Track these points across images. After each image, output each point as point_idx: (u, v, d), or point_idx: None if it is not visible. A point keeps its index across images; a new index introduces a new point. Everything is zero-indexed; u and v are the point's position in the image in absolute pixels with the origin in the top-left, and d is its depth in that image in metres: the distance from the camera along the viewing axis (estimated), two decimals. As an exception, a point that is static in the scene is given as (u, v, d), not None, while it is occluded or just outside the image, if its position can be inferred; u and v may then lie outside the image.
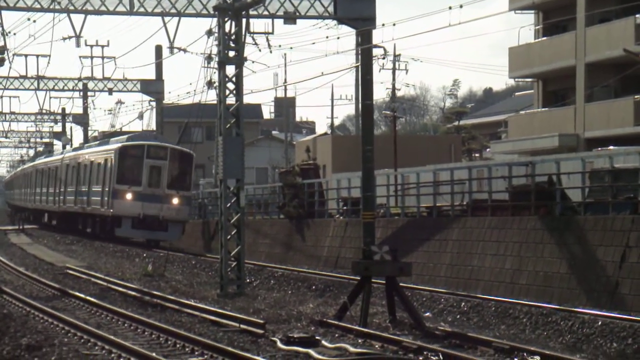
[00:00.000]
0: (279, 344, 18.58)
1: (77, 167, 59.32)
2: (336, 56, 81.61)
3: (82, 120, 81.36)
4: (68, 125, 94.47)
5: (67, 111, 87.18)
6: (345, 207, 43.19)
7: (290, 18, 36.71)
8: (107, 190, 51.60)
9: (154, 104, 69.92)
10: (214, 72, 31.77)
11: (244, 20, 30.54)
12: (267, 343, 18.96)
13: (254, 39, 38.13)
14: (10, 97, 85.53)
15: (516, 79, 70.96)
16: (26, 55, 62.79)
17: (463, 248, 32.76)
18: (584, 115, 52.42)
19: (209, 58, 34.14)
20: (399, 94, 76.78)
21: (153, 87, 67.41)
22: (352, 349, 17.97)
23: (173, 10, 36.24)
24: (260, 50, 38.18)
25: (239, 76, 30.21)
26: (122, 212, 50.01)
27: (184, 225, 51.60)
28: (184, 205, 51.02)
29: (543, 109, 57.25)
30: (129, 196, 50.03)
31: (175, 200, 50.18)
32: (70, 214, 61.00)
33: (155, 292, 27.20)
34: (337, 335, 20.13)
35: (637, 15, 48.02)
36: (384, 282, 22.81)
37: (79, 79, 68.20)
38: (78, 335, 19.79)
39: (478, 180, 36.84)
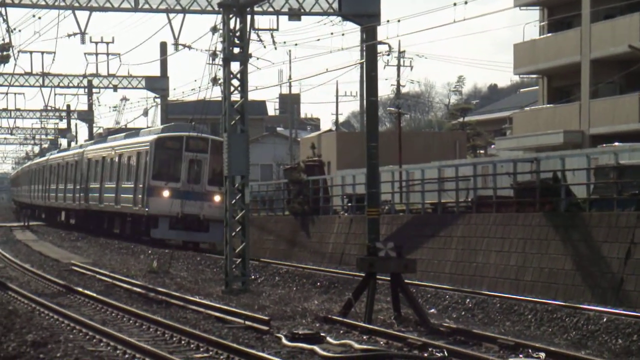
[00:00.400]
0: (284, 341, 18.59)
1: (102, 161, 54.64)
2: (341, 53, 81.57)
3: (87, 117, 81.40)
4: (73, 122, 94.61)
5: (72, 108, 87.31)
6: (350, 204, 43.19)
7: (295, 15, 36.72)
8: (141, 187, 46.84)
9: (158, 100, 69.94)
10: (219, 69, 31.77)
11: (248, 17, 30.53)
12: (272, 339, 18.97)
13: (258, 36, 38.15)
14: (15, 93, 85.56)
15: (521, 76, 70.79)
16: (31, 52, 62.84)
17: (468, 244, 32.75)
18: (589, 111, 52.37)
19: (213, 55, 34.11)
20: (403, 90, 76.79)
21: (158, 84, 67.45)
22: (357, 345, 17.97)
23: (178, 7, 36.26)
24: (265, 47, 38.22)
25: (243, 73, 30.21)
26: (158, 212, 45.10)
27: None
28: None
29: (548, 106, 57.20)
30: (166, 193, 45.21)
31: (217, 198, 44.27)
32: (94, 212, 56.70)
33: (160, 289, 27.22)
34: (342, 331, 20.14)
35: (642, 12, 47.95)
36: (388, 278, 22.80)
37: (84, 76, 68.25)
38: (83, 332, 19.82)
39: (483, 177, 36.84)
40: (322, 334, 18.97)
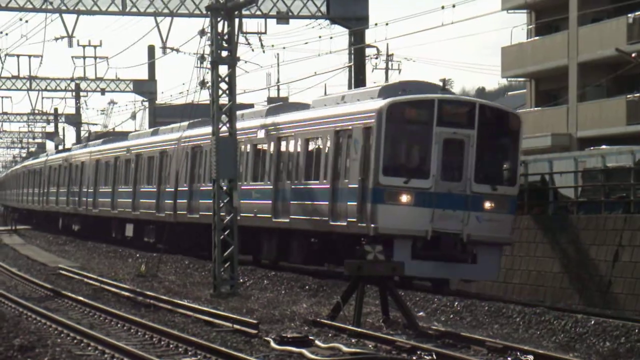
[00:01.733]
0: (273, 344, 18.58)
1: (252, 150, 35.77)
2: (329, 56, 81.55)
3: (75, 120, 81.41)
4: (60, 125, 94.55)
5: (60, 111, 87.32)
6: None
7: (283, 18, 36.76)
8: (354, 187, 28.68)
9: (146, 104, 70.01)
10: (207, 72, 31.77)
11: (236, 20, 30.52)
12: (261, 343, 18.96)
13: (246, 39, 38.23)
14: (2, 97, 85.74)
15: (509, 79, 71.03)
16: (18, 56, 62.89)
17: (456, 247, 32.74)
18: (577, 114, 52.51)
19: (201, 58, 34.12)
20: (391, 93, 76.68)
21: (146, 87, 67.49)
22: (345, 348, 17.97)
23: (166, 11, 36.27)
24: (253, 50, 38.32)
25: (231, 76, 30.19)
26: (394, 229, 27.62)
27: (502, 250, 28.47)
28: (505, 214, 28.02)
29: (536, 109, 57.32)
30: (405, 198, 27.73)
31: (489, 204, 27.89)
32: (205, 227, 34.03)
33: (148, 293, 27.17)
34: (330, 335, 20.13)
35: (629, 15, 48.15)
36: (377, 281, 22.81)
37: (72, 79, 68.27)
38: (71, 336, 19.77)
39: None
40: (310, 338, 18.96)
